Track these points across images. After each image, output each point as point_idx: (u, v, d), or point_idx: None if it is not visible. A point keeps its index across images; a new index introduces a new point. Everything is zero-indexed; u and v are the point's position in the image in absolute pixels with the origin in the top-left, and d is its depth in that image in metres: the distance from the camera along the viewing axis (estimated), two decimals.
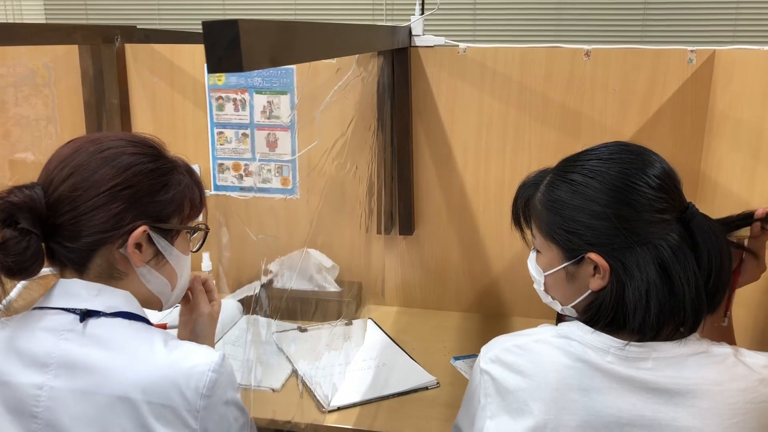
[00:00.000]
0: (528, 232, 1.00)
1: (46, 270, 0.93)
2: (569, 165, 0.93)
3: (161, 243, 0.93)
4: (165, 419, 0.84)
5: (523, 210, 1.00)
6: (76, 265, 0.90)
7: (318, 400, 1.34)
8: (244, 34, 0.62)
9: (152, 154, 0.92)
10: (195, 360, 0.87)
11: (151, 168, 0.91)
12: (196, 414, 0.85)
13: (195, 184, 0.98)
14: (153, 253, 0.93)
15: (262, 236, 1.23)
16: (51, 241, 0.89)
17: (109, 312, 0.89)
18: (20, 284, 1.01)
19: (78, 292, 0.89)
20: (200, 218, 1.02)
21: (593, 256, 0.87)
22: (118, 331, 0.88)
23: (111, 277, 0.91)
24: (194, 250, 1.03)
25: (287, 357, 1.52)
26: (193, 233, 1.01)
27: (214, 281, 1.15)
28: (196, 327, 1.08)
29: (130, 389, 0.84)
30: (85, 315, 0.87)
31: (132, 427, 0.84)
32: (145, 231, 0.90)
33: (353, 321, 1.69)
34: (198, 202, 0.99)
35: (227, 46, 0.62)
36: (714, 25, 2.81)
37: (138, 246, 0.91)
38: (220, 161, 1.83)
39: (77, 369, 0.85)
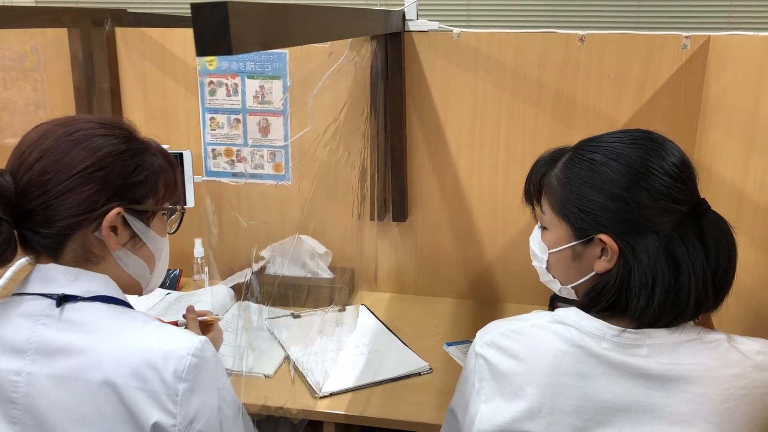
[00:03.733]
0: (538, 208, 1.00)
1: (23, 260, 0.92)
2: (590, 144, 0.92)
3: (137, 225, 0.92)
4: (144, 403, 0.83)
5: (536, 185, 0.99)
6: (50, 250, 0.89)
7: (310, 386, 1.34)
8: (234, 16, 0.61)
9: (123, 135, 0.91)
10: (175, 344, 0.86)
11: (123, 149, 0.89)
12: (175, 398, 0.84)
13: (169, 164, 0.96)
14: (129, 235, 0.92)
15: (253, 222, 1.22)
16: (23, 228, 0.87)
17: (86, 296, 0.88)
18: (6, 274, 1.00)
19: (55, 277, 0.88)
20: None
21: (604, 237, 0.86)
22: (95, 315, 0.87)
23: (87, 261, 0.90)
24: (171, 231, 1.02)
25: (280, 343, 1.51)
26: (170, 215, 0.99)
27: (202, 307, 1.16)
28: None
29: (108, 373, 0.83)
30: (62, 300, 0.86)
31: (111, 412, 0.83)
32: (119, 213, 0.89)
33: (346, 307, 1.69)
34: (173, 183, 0.97)
35: (216, 29, 0.61)
36: (709, 11, 2.80)
37: (113, 229, 0.89)
38: (212, 147, 1.81)
39: (54, 354, 0.84)
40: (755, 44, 1.27)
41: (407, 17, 1.62)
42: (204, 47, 0.62)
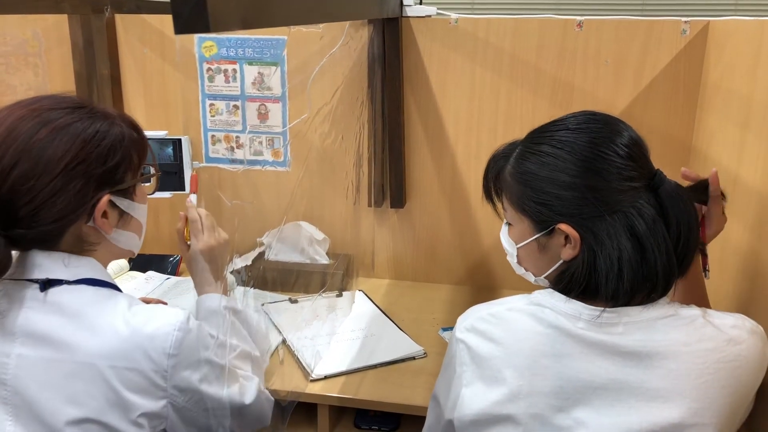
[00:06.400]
0: (499, 205, 1.00)
1: None
2: (538, 136, 0.93)
3: (123, 203, 0.93)
4: (132, 382, 0.85)
5: (494, 183, 1.00)
6: (43, 244, 0.89)
7: (304, 369, 1.35)
8: None
9: (86, 115, 0.89)
10: (159, 322, 0.87)
11: (93, 132, 0.88)
12: (165, 374, 0.86)
13: (133, 128, 0.95)
14: (118, 215, 0.94)
15: (237, 201, 1.23)
16: (9, 231, 0.86)
17: (72, 280, 0.89)
18: None
19: (41, 262, 0.89)
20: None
21: (563, 226, 0.87)
22: (80, 298, 0.88)
23: (82, 249, 0.91)
24: (150, 194, 1.02)
25: (277, 327, 1.53)
26: (147, 181, 1.00)
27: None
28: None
29: (94, 355, 0.85)
30: (47, 284, 0.87)
31: (98, 393, 0.85)
32: (108, 200, 0.89)
33: (343, 293, 1.70)
34: (143, 148, 0.96)
35: (194, 5, 0.61)
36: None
37: (104, 215, 0.90)
38: (211, 133, 1.82)
39: (41, 337, 0.86)
40: (753, 28, 1.26)
41: (405, 2, 1.62)
42: (182, 25, 0.61)
